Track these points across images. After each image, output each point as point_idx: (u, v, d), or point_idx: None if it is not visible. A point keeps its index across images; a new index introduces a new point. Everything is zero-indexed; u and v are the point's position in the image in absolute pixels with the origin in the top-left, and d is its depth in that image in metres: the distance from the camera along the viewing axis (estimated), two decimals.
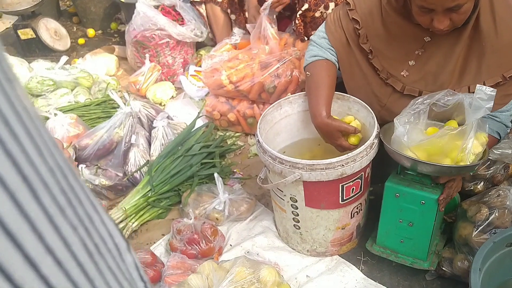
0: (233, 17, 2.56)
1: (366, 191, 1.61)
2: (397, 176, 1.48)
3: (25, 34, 2.99)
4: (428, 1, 1.27)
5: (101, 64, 2.77)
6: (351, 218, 1.60)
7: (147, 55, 2.63)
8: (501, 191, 1.49)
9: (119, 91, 2.66)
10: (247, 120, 2.27)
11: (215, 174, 1.80)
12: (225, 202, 1.80)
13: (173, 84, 2.67)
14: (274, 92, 2.14)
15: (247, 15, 2.46)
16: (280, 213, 1.66)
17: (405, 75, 1.55)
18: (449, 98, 1.38)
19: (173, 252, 1.65)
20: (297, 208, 1.56)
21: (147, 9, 2.50)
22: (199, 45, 2.81)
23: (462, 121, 1.42)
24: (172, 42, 2.60)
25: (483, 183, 1.70)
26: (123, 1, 2.89)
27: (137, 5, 2.53)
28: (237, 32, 2.45)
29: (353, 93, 1.65)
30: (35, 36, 2.99)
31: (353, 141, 1.53)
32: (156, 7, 2.59)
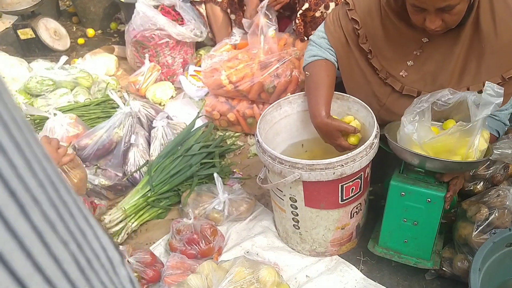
0: (232, 17, 2.56)
1: (366, 191, 1.61)
2: (400, 175, 1.48)
3: (24, 34, 2.99)
4: (419, 0, 1.28)
5: (100, 64, 2.77)
6: (350, 218, 1.60)
7: (146, 55, 2.63)
8: (501, 191, 1.49)
9: (118, 91, 2.66)
10: (247, 120, 2.26)
11: (215, 174, 1.80)
12: (224, 202, 1.79)
13: (172, 84, 2.67)
14: (273, 92, 2.14)
15: (245, 14, 2.46)
16: (280, 213, 1.66)
17: (404, 75, 1.55)
18: (450, 96, 1.39)
19: (173, 252, 1.65)
20: (296, 208, 1.55)
21: (146, 9, 2.50)
22: (198, 45, 2.81)
23: (461, 120, 1.42)
24: (172, 42, 2.60)
25: (482, 183, 1.70)
26: (122, 1, 2.89)
27: (136, 5, 2.53)
28: (236, 32, 2.44)
29: (352, 93, 1.65)
30: (34, 36, 2.99)
31: (352, 141, 1.53)
32: (156, 7, 2.59)
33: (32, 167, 0.28)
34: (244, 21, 2.30)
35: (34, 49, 3.08)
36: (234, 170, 2.09)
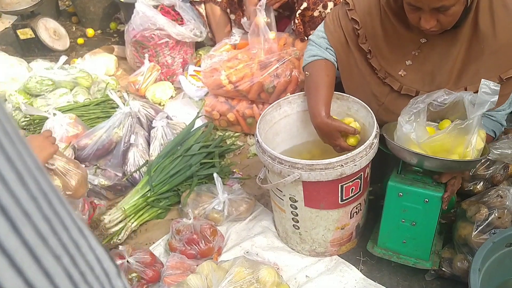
0: (232, 17, 2.56)
1: (366, 191, 1.61)
2: (398, 176, 1.48)
3: (24, 34, 2.99)
4: None
5: (100, 64, 2.76)
6: (350, 218, 1.60)
7: (146, 55, 2.62)
8: (500, 191, 1.49)
9: (118, 91, 2.66)
10: (247, 120, 2.26)
11: (215, 174, 1.80)
12: (224, 202, 1.79)
13: (172, 84, 2.67)
14: (273, 92, 2.14)
15: (245, 14, 2.46)
16: (280, 213, 1.66)
17: (402, 74, 1.55)
18: (446, 97, 1.39)
19: (172, 252, 1.65)
20: (296, 208, 1.55)
21: (146, 9, 2.50)
22: (198, 45, 2.81)
23: (457, 120, 1.42)
24: (172, 42, 2.60)
25: (482, 183, 1.70)
26: (122, 0, 2.88)
27: (136, 5, 2.52)
28: (236, 32, 2.44)
29: (351, 92, 1.65)
30: (34, 36, 2.99)
31: (352, 142, 1.53)
32: (156, 7, 2.58)
33: (23, 180, 0.27)
34: (243, 22, 2.30)
35: (33, 49, 3.08)
36: (234, 170, 2.09)
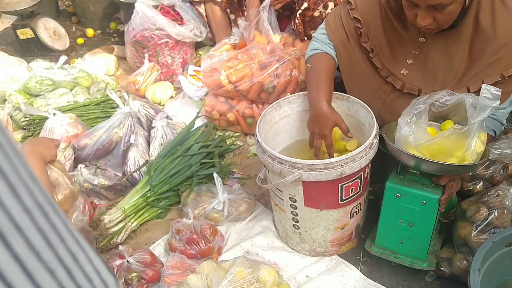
0: (232, 17, 2.56)
1: (366, 191, 1.61)
2: (397, 177, 1.48)
3: (24, 33, 2.99)
4: None
5: (100, 64, 2.76)
6: (350, 218, 1.60)
7: (146, 55, 2.63)
8: (500, 191, 1.49)
9: (118, 91, 2.66)
10: (246, 120, 2.26)
11: (214, 174, 1.80)
12: (224, 202, 1.79)
13: (172, 84, 2.67)
14: (273, 92, 2.14)
15: (246, 14, 2.46)
16: (280, 213, 1.66)
17: (404, 73, 1.56)
18: (448, 98, 1.39)
19: (172, 252, 1.65)
20: (296, 208, 1.55)
21: (146, 8, 2.50)
22: (198, 45, 2.81)
23: (459, 121, 1.42)
24: (171, 42, 2.60)
25: (482, 183, 1.70)
26: (122, 0, 2.88)
27: (136, 4, 2.52)
28: (236, 32, 2.44)
29: (353, 91, 1.66)
30: (34, 36, 2.99)
31: (349, 147, 1.53)
32: (155, 6, 2.59)
33: (16, 192, 0.27)
34: (240, 22, 2.30)
35: (33, 49, 3.08)
36: (234, 170, 2.09)
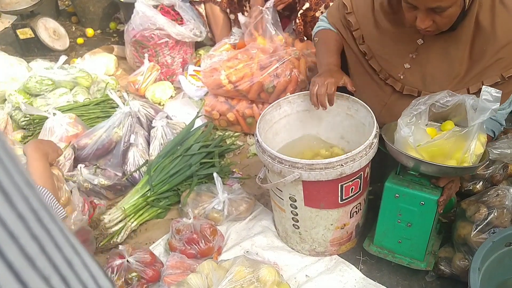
0: (232, 16, 2.56)
1: (365, 190, 1.61)
2: (396, 177, 1.48)
3: (24, 33, 2.99)
4: None
5: (100, 64, 2.76)
6: (350, 217, 1.60)
7: (146, 54, 2.63)
8: (500, 191, 1.49)
9: (118, 90, 2.66)
10: (246, 120, 2.26)
11: (214, 174, 1.80)
12: (224, 201, 1.79)
13: (172, 83, 2.67)
14: (273, 92, 2.14)
15: (246, 14, 2.46)
16: (280, 213, 1.66)
17: (402, 76, 1.56)
18: (448, 99, 1.39)
19: (172, 252, 1.65)
20: (296, 207, 1.55)
21: (146, 8, 2.50)
22: (198, 45, 2.81)
23: (459, 122, 1.42)
24: (171, 41, 2.60)
25: (482, 182, 1.70)
26: (122, 0, 2.89)
27: (136, 4, 2.53)
28: (236, 31, 2.44)
29: (359, 89, 1.69)
30: (34, 36, 2.99)
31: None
32: (155, 6, 2.59)
33: (10, 199, 0.26)
34: (240, 18, 2.29)
35: (33, 48, 3.08)
36: (234, 170, 2.09)
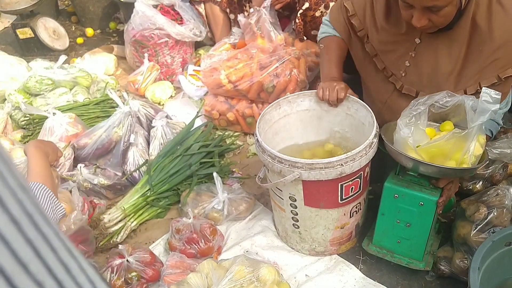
0: (232, 16, 2.56)
1: (365, 190, 1.61)
2: (395, 177, 1.49)
3: (23, 33, 2.99)
4: None
5: (99, 64, 2.76)
6: (350, 217, 1.60)
7: (146, 54, 2.62)
8: (499, 190, 1.49)
9: (118, 90, 2.66)
10: (246, 120, 2.26)
11: (214, 174, 1.80)
12: (224, 201, 1.79)
13: (172, 83, 2.67)
14: (273, 92, 2.14)
15: (246, 14, 2.46)
16: (279, 213, 1.66)
17: (403, 74, 1.57)
18: (448, 99, 1.39)
19: (172, 252, 1.65)
20: (296, 207, 1.55)
21: (146, 8, 2.50)
22: (198, 45, 2.81)
23: (458, 122, 1.43)
24: (171, 41, 2.60)
25: (482, 182, 1.70)
26: (122, 0, 2.88)
27: (136, 4, 2.53)
28: (236, 31, 2.45)
29: (367, 85, 1.75)
30: (33, 36, 2.99)
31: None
32: (155, 6, 2.59)
33: (2, 202, 0.26)
34: (240, 19, 2.29)
35: (33, 48, 3.08)
36: (234, 170, 2.09)
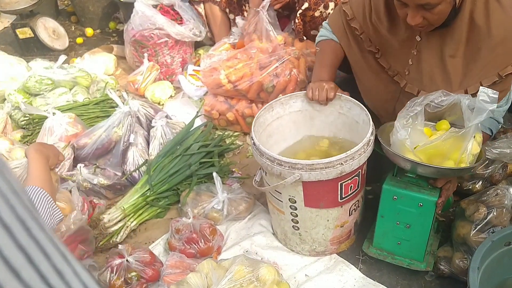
0: (231, 16, 2.56)
1: (363, 187, 1.61)
2: (394, 179, 1.49)
3: (23, 33, 2.99)
4: None
5: (99, 63, 2.76)
6: (349, 215, 1.60)
7: (145, 54, 2.62)
8: (499, 190, 1.50)
9: (117, 90, 2.66)
10: (246, 120, 2.26)
11: (214, 174, 1.80)
12: (223, 201, 1.79)
13: (171, 83, 2.67)
14: (272, 92, 2.14)
15: (245, 14, 2.46)
16: (278, 215, 1.65)
17: (407, 72, 1.58)
18: (443, 98, 1.40)
19: (172, 252, 1.65)
20: (296, 209, 1.55)
21: (145, 8, 2.50)
22: (197, 45, 2.81)
23: (454, 121, 1.43)
24: (171, 41, 2.60)
25: (481, 182, 1.71)
26: (121, 0, 2.88)
27: (135, 4, 2.53)
28: (235, 31, 2.44)
29: (367, 90, 1.73)
30: (33, 35, 2.99)
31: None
32: (155, 6, 2.59)
33: None
34: (237, 20, 2.30)
35: (32, 48, 3.08)
36: (233, 170, 2.09)
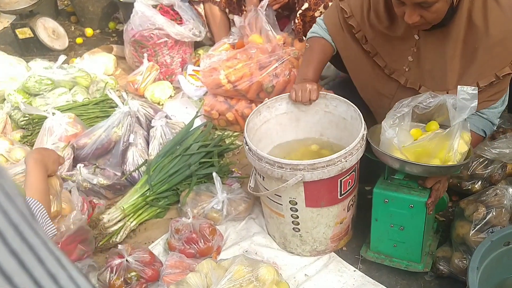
0: (231, 16, 2.56)
1: (358, 183, 1.62)
2: (384, 182, 1.50)
3: (23, 33, 2.99)
4: None
5: (99, 64, 2.76)
6: (347, 211, 1.62)
7: (145, 54, 2.62)
8: (498, 190, 1.50)
9: (117, 90, 2.65)
10: (246, 120, 2.26)
11: (214, 174, 1.80)
12: (223, 201, 1.80)
13: (171, 83, 2.67)
14: (272, 92, 2.14)
15: (245, 14, 2.46)
16: (277, 219, 1.65)
17: (407, 69, 1.58)
18: (431, 100, 1.42)
19: (172, 252, 1.65)
20: (296, 210, 1.55)
21: (145, 8, 2.50)
22: (197, 45, 2.81)
23: (443, 122, 1.44)
24: (171, 41, 2.60)
25: (480, 182, 1.71)
26: (121, 0, 2.88)
27: (135, 4, 2.53)
28: (235, 31, 2.45)
29: (361, 89, 1.72)
30: (33, 36, 2.99)
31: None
32: (155, 6, 2.59)
33: None
34: (236, 19, 2.30)
35: (32, 48, 3.08)
36: (233, 170, 2.09)
